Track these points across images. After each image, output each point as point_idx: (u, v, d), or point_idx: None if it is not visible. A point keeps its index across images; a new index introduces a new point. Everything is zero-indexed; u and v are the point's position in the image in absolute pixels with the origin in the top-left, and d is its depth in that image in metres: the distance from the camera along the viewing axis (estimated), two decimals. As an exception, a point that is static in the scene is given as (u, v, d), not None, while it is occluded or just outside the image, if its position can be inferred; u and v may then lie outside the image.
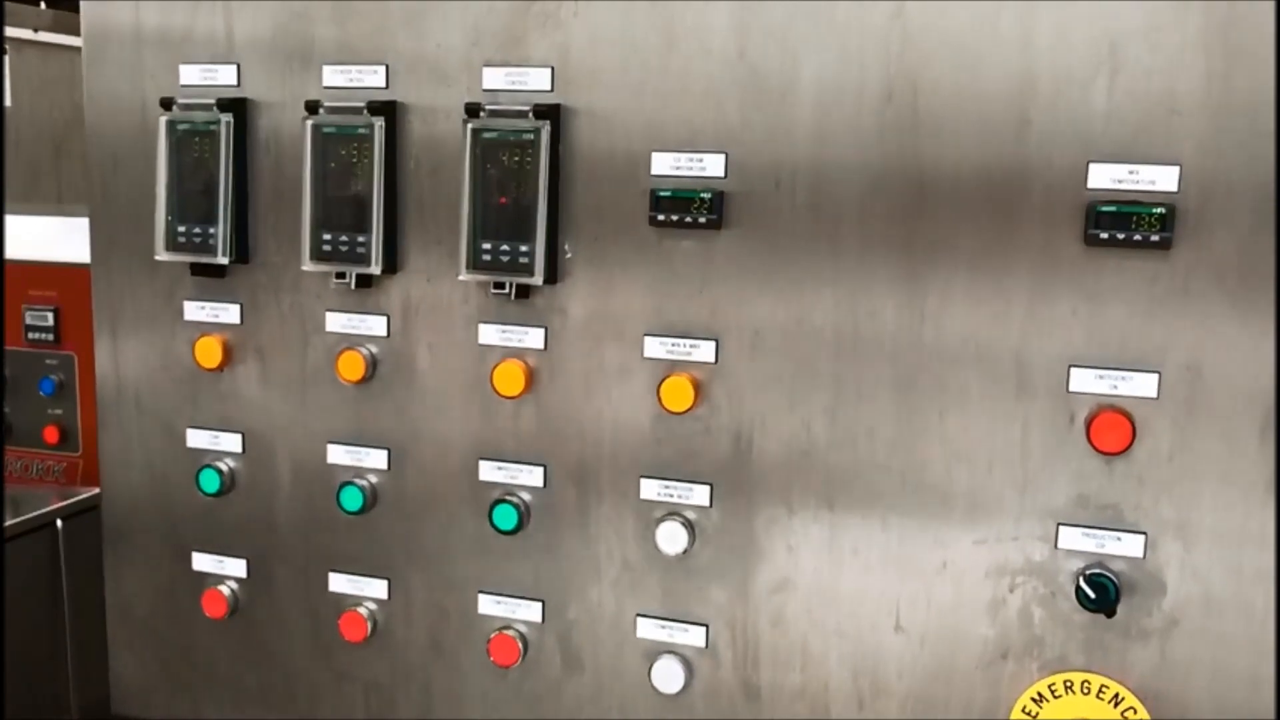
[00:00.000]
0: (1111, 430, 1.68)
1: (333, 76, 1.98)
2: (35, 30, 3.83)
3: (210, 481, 2.14)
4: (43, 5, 3.93)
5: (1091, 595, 1.69)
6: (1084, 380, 1.69)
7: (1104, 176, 1.64)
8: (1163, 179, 1.62)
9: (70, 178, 3.92)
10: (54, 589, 2.49)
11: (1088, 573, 1.70)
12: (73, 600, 2.51)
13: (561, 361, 1.93)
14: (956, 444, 1.76)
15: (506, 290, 1.92)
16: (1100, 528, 1.71)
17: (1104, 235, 1.64)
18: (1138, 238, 1.63)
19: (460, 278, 1.92)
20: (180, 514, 2.21)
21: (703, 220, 1.81)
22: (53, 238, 2.64)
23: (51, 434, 2.72)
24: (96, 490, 2.37)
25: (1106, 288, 1.67)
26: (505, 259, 1.89)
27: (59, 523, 2.48)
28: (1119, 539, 1.71)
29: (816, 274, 1.79)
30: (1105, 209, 1.63)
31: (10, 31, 3.69)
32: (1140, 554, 1.70)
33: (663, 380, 1.86)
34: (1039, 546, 1.74)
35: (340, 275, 2.01)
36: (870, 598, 1.83)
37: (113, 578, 2.29)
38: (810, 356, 1.81)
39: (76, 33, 2.16)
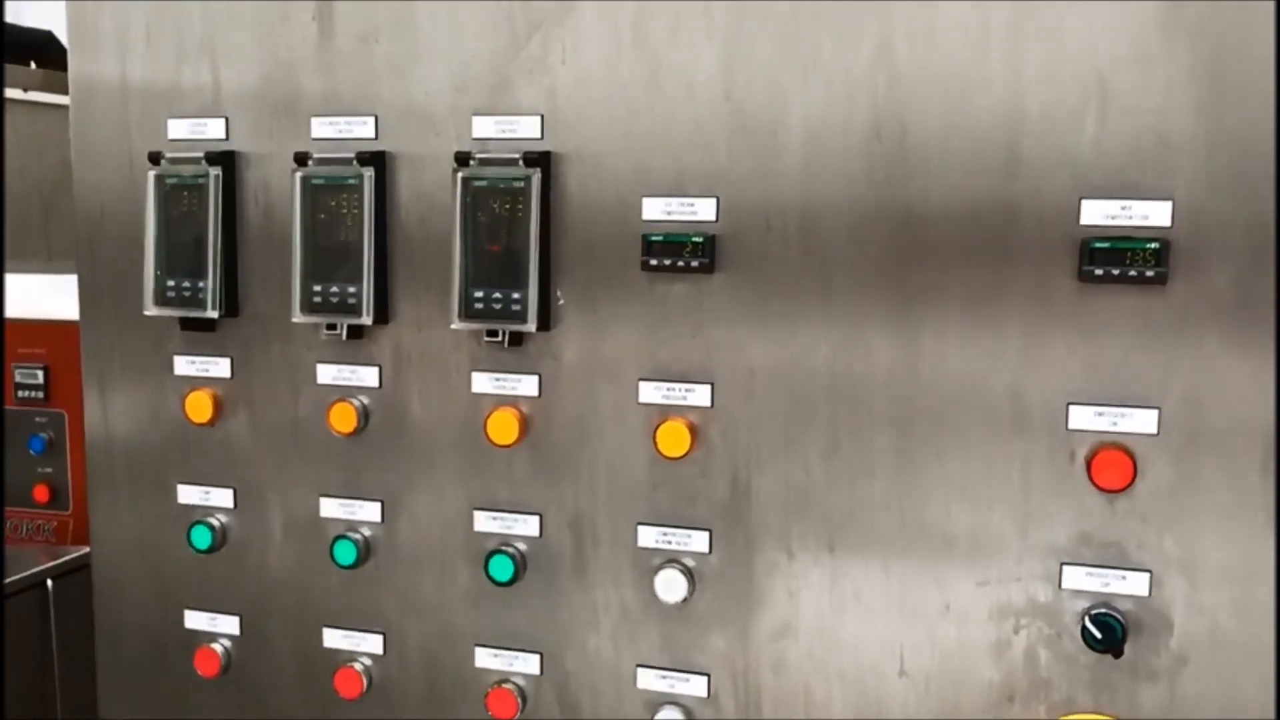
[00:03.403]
0: (1112, 467, 1.66)
1: (321, 128, 1.98)
2: (25, 90, 3.84)
3: (201, 538, 2.12)
4: (32, 65, 3.93)
5: (1098, 635, 1.67)
6: (1083, 417, 1.68)
7: (1097, 212, 1.63)
8: (1156, 214, 1.61)
9: (59, 236, 3.91)
10: (44, 649, 2.46)
11: (1093, 612, 1.68)
12: (63, 660, 2.48)
13: (556, 408, 1.91)
14: (956, 484, 1.74)
15: (499, 338, 1.91)
16: (1104, 566, 1.69)
17: (1098, 271, 1.63)
18: (1132, 273, 1.62)
19: (453, 326, 1.90)
20: (171, 571, 2.18)
21: (695, 264, 1.80)
22: (41, 295, 2.63)
23: (41, 493, 2.70)
24: (87, 549, 2.34)
25: (1103, 324, 1.66)
26: (497, 306, 1.88)
27: (49, 583, 2.46)
28: (1124, 577, 1.69)
29: (810, 315, 1.78)
30: (1099, 245, 1.63)
31: (-1, 92, 3.69)
32: (1145, 592, 1.68)
33: (658, 425, 1.85)
34: (1042, 587, 1.72)
35: (331, 326, 1.99)
36: (873, 641, 1.81)
37: (104, 637, 2.25)
38: (806, 398, 1.79)
39: (65, 91, 2.16)
